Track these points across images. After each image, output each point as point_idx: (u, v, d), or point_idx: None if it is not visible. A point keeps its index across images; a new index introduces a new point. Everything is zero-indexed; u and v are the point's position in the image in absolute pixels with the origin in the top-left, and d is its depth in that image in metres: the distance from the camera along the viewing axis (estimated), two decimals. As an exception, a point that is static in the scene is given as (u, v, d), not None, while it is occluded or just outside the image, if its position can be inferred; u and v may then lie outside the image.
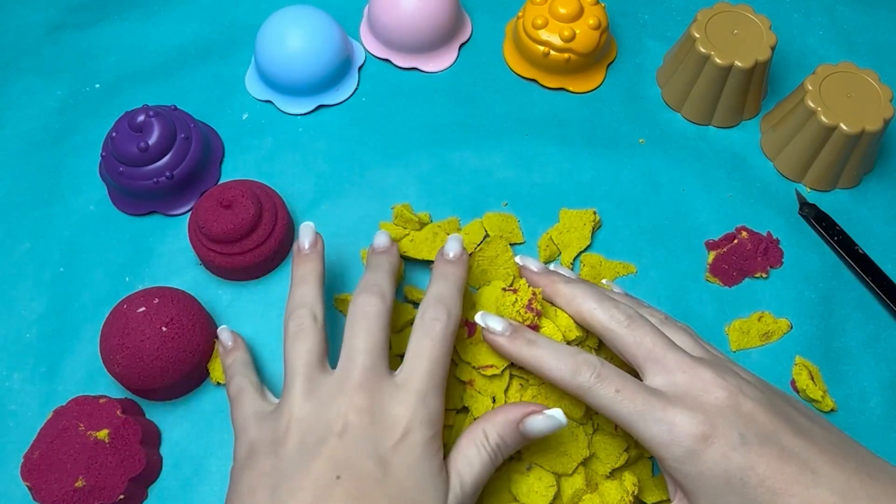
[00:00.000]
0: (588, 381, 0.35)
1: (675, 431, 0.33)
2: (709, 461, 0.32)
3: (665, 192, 0.51)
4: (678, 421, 0.33)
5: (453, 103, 0.54)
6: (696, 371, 0.34)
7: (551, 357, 0.36)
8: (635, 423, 0.34)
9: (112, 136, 0.47)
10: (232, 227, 0.44)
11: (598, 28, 0.52)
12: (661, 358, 0.35)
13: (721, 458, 0.32)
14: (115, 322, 0.41)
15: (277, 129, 0.53)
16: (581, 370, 0.35)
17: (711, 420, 0.33)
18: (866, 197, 0.51)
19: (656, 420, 0.33)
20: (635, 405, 0.34)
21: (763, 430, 0.33)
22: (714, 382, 0.34)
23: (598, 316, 0.37)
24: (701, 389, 0.34)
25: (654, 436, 0.33)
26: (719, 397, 0.33)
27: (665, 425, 0.33)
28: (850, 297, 0.47)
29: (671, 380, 0.34)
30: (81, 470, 0.38)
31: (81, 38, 0.57)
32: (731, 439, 0.32)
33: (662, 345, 0.36)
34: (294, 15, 0.52)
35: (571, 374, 0.35)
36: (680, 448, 0.33)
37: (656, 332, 0.36)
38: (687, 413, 0.33)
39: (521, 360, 0.37)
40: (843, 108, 0.48)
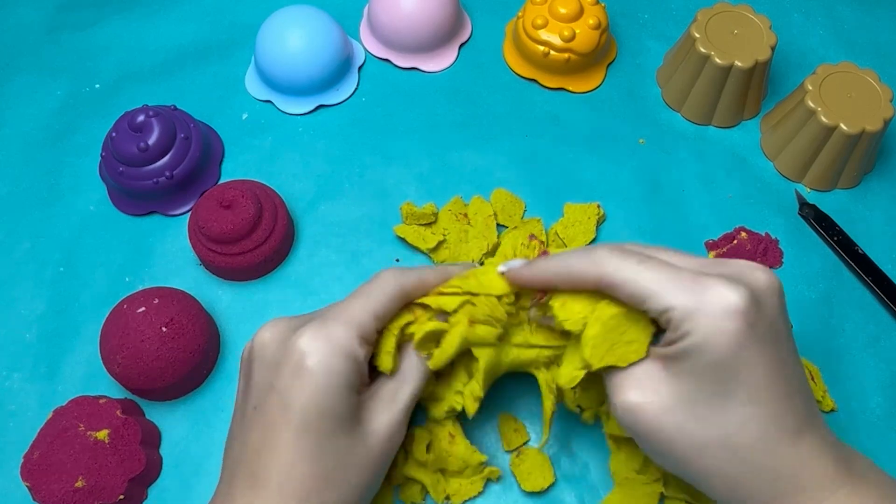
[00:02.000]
0: (605, 259, 0.32)
1: (708, 299, 0.29)
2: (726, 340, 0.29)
3: (665, 192, 0.51)
4: (715, 290, 0.30)
5: (453, 103, 0.54)
6: (733, 262, 0.32)
7: (565, 258, 0.34)
8: (660, 293, 0.30)
9: (112, 136, 0.47)
10: (232, 227, 0.44)
11: (598, 28, 0.52)
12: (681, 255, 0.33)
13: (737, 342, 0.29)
14: (115, 322, 0.41)
15: (277, 129, 0.53)
16: (599, 253, 0.32)
17: (750, 297, 0.30)
18: (866, 197, 0.51)
19: (686, 287, 0.30)
20: (663, 273, 0.31)
21: (780, 333, 0.31)
22: (756, 269, 0.31)
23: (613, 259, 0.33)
24: (741, 272, 0.31)
25: (681, 304, 0.30)
26: (762, 282, 0.31)
27: (697, 293, 0.30)
28: (850, 297, 0.47)
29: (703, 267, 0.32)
30: (81, 470, 0.38)
31: (81, 38, 0.57)
32: (756, 328, 0.30)
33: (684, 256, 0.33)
34: (294, 15, 0.52)
35: (590, 262, 0.32)
36: (708, 318, 0.29)
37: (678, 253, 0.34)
38: (727, 285, 0.30)
39: (544, 274, 0.34)
40: (843, 108, 0.48)
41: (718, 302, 0.29)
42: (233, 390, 0.43)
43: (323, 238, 0.49)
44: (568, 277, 0.34)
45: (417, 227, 0.48)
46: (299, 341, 0.33)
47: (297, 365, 0.33)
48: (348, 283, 0.47)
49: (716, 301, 0.30)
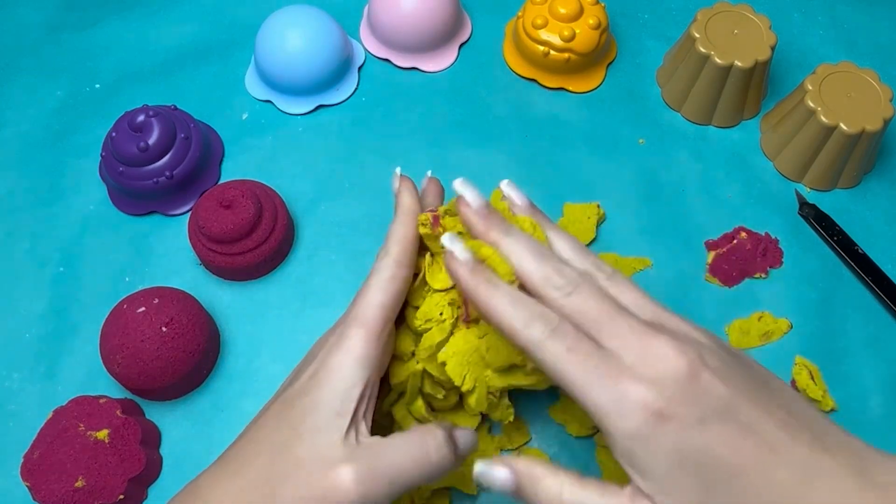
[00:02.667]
0: (539, 334, 0.31)
1: (625, 402, 0.29)
2: (662, 441, 0.29)
3: (665, 192, 0.51)
4: (630, 390, 0.29)
5: (453, 103, 0.54)
6: (652, 338, 0.30)
7: (507, 303, 0.32)
8: (583, 387, 0.30)
9: (112, 136, 0.47)
10: (232, 227, 0.44)
11: (598, 28, 0.52)
12: (608, 324, 0.31)
13: (676, 439, 0.29)
14: (115, 322, 0.41)
15: (277, 129, 0.53)
16: (535, 322, 0.31)
17: (668, 395, 0.29)
18: (866, 197, 0.51)
19: (606, 387, 0.29)
20: (586, 367, 0.30)
21: (721, 404, 0.29)
22: (672, 350, 0.30)
23: (535, 279, 0.32)
24: (657, 358, 0.30)
25: (603, 405, 0.29)
26: (678, 368, 0.29)
27: (616, 393, 0.29)
28: (850, 297, 0.47)
29: (624, 345, 0.30)
30: (81, 470, 0.38)
31: (81, 38, 0.57)
32: (687, 418, 0.29)
33: (609, 310, 0.31)
34: (294, 15, 0.52)
35: (524, 324, 0.31)
36: (631, 423, 0.29)
37: (601, 297, 0.32)
38: (642, 385, 0.29)
39: (476, 297, 0.32)
40: (843, 108, 0.48)
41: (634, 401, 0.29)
42: (233, 390, 0.44)
43: (323, 238, 0.49)
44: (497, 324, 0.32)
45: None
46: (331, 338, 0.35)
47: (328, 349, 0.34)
48: (348, 283, 0.47)
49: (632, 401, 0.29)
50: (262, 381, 0.44)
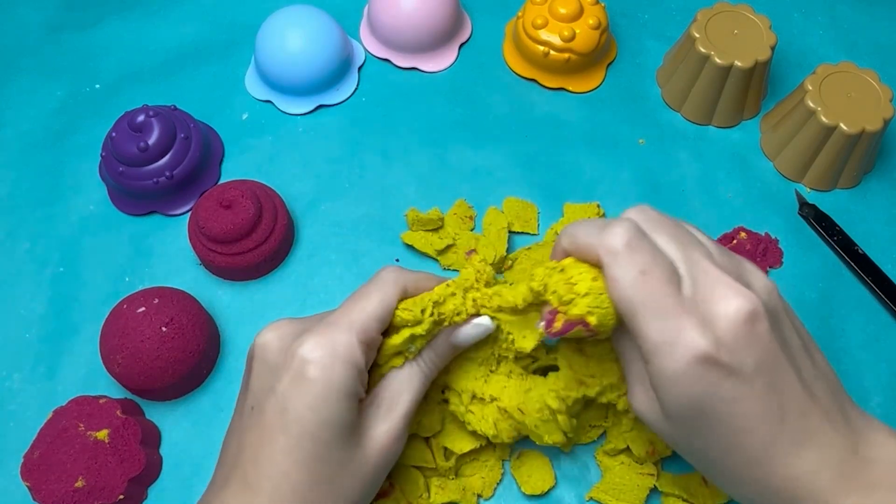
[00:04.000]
0: (619, 242, 0.31)
1: (678, 342, 0.29)
2: (696, 386, 0.30)
3: (665, 192, 0.51)
4: (686, 330, 0.29)
5: (453, 103, 0.54)
6: (719, 276, 0.31)
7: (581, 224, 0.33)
8: (642, 317, 0.30)
9: (112, 136, 0.47)
10: (232, 227, 0.44)
11: (598, 28, 0.52)
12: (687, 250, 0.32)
13: (709, 386, 0.30)
14: (115, 322, 0.41)
15: (277, 129, 0.53)
16: (614, 228, 0.31)
17: (720, 340, 0.29)
18: (866, 197, 0.51)
19: (664, 323, 0.30)
20: (653, 296, 0.30)
21: (764, 359, 0.30)
22: (737, 293, 0.30)
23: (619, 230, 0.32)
24: (722, 299, 0.30)
25: (655, 340, 0.30)
26: (739, 313, 0.30)
27: (672, 332, 0.30)
28: (850, 297, 0.47)
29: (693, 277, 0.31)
30: (81, 470, 0.38)
31: (81, 38, 0.57)
32: (728, 368, 0.29)
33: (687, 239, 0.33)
34: (294, 15, 0.52)
35: (600, 234, 0.32)
36: (676, 363, 0.30)
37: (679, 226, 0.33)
38: (697, 326, 0.29)
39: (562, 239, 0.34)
40: (843, 108, 0.48)
41: (687, 344, 0.29)
42: (233, 390, 0.44)
43: (323, 238, 0.49)
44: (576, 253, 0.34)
45: (424, 233, 0.47)
46: (301, 349, 0.33)
47: (297, 372, 0.32)
48: (348, 283, 0.47)
49: (684, 343, 0.29)
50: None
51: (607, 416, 0.41)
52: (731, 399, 0.30)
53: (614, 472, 0.41)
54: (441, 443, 0.40)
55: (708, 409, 0.30)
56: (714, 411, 0.30)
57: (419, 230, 0.47)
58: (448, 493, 0.40)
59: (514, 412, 0.38)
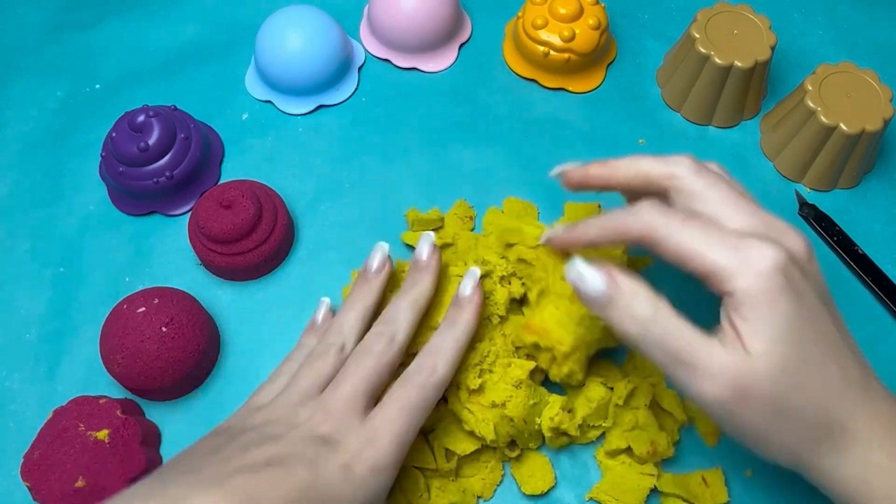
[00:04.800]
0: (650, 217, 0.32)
1: (751, 259, 0.30)
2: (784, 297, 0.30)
3: (665, 192, 0.51)
4: (756, 251, 0.30)
5: (453, 103, 0.54)
6: (775, 221, 0.32)
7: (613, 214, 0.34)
8: (702, 253, 0.30)
9: (112, 136, 0.47)
10: (232, 227, 0.44)
11: (598, 28, 0.52)
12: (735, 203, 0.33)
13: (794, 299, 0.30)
14: (115, 322, 0.41)
15: (277, 129, 0.53)
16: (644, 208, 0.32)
17: (790, 257, 0.30)
18: (866, 197, 0.51)
19: (728, 249, 0.30)
20: (706, 234, 0.31)
21: (826, 293, 0.32)
22: (795, 234, 0.32)
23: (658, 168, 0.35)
24: (781, 235, 0.32)
25: (723, 265, 0.30)
26: (800, 246, 0.32)
27: (740, 254, 0.30)
28: (850, 297, 0.47)
29: (748, 222, 0.32)
30: (81, 470, 0.38)
31: (81, 38, 0.57)
32: (799, 285, 0.30)
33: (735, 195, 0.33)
34: (294, 15, 0.52)
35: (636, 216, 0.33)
36: (754, 278, 0.30)
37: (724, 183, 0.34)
38: (767, 245, 0.30)
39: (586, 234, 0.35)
40: (843, 108, 0.48)
41: (762, 261, 0.30)
42: (233, 390, 0.44)
43: (323, 238, 0.49)
44: (612, 233, 0.34)
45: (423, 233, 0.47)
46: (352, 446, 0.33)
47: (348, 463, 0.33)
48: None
49: (759, 260, 0.30)
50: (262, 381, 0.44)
51: (607, 416, 0.41)
52: (819, 318, 0.31)
53: (615, 472, 0.41)
54: (442, 444, 0.40)
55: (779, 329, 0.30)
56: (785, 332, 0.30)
57: (419, 230, 0.47)
58: (448, 496, 0.40)
59: (518, 422, 0.38)
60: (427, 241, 0.40)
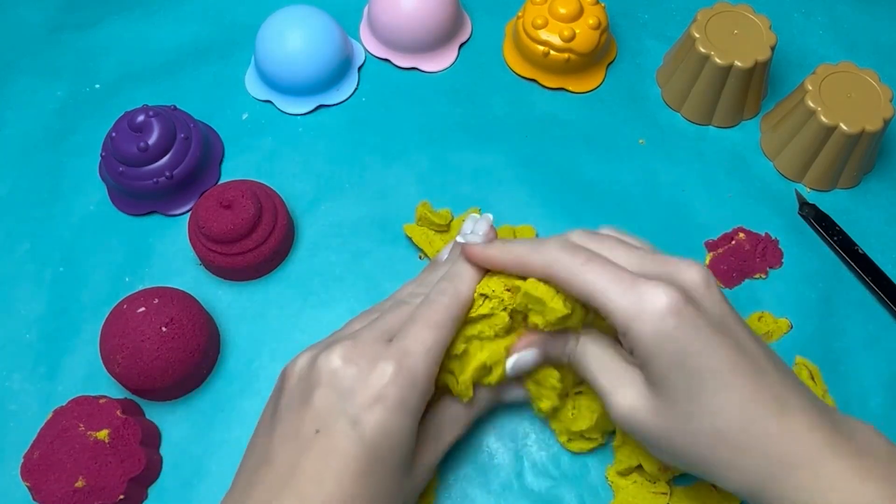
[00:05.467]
0: (554, 254, 0.34)
1: (644, 303, 0.32)
2: (672, 338, 0.32)
3: (665, 192, 0.51)
4: (650, 293, 0.32)
5: (453, 103, 0.54)
6: (668, 259, 0.34)
7: (524, 248, 0.36)
8: (601, 293, 0.33)
9: (112, 136, 0.47)
10: (232, 227, 0.44)
11: (598, 28, 0.52)
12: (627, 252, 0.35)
13: (683, 338, 0.31)
14: (115, 322, 0.41)
15: (277, 129, 0.53)
16: (549, 245, 0.35)
17: (683, 295, 0.32)
18: (866, 197, 0.51)
19: (625, 291, 0.32)
20: (604, 275, 0.33)
21: (726, 319, 0.33)
22: (688, 265, 0.34)
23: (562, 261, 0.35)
24: (675, 270, 0.33)
25: (621, 307, 0.32)
26: (694, 277, 0.33)
27: (635, 296, 0.32)
28: (850, 297, 0.47)
29: (641, 264, 0.34)
30: (81, 470, 0.38)
31: (81, 38, 0.57)
32: (697, 320, 0.32)
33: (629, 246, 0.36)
34: (294, 15, 0.52)
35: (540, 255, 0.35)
36: (647, 321, 0.32)
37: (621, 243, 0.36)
38: (660, 287, 0.32)
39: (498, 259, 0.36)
40: (843, 108, 0.48)
41: (654, 303, 0.32)
42: (233, 390, 0.44)
43: (323, 238, 0.49)
44: (518, 264, 0.36)
45: (427, 230, 0.47)
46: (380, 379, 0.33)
47: (375, 399, 0.32)
48: (348, 284, 0.47)
49: (652, 303, 0.32)
50: (262, 381, 0.44)
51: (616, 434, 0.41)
52: (708, 353, 0.31)
53: (627, 491, 0.40)
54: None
55: (687, 366, 0.31)
56: (693, 368, 0.31)
57: (424, 226, 0.47)
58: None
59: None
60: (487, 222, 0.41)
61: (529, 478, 0.41)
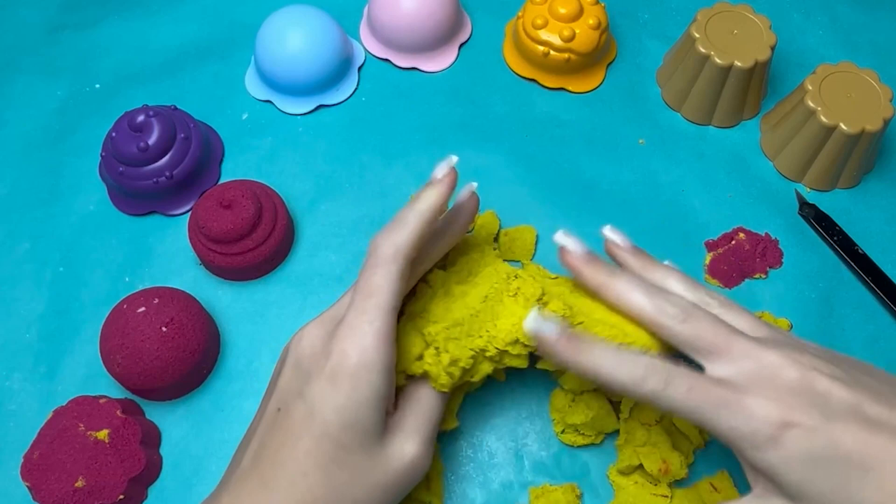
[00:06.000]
0: (657, 386, 0.32)
1: (753, 421, 0.31)
2: (792, 445, 0.31)
3: (665, 192, 0.51)
4: (756, 409, 0.31)
5: (453, 103, 0.54)
6: (763, 355, 0.33)
7: (613, 364, 0.33)
8: (711, 418, 0.32)
9: (112, 136, 0.47)
10: (232, 227, 0.44)
11: (598, 28, 0.52)
12: (723, 347, 0.33)
13: (804, 440, 0.30)
14: (115, 322, 0.41)
15: (277, 129, 0.53)
16: (648, 377, 0.33)
17: (788, 402, 0.31)
18: (866, 197, 0.51)
19: (733, 412, 0.31)
20: (709, 400, 0.32)
21: (843, 403, 0.31)
22: (784, 364, 0.32)
23: (647, 312, 0.35)
24: (772, 373, 0.32)
25: (733, 428, 0.31)
26: (792, 378, 0.32)
27: (743, 416, 0.31)
28: (850, 297, 0.47)
29: (738, 368, 0.33)
30: (81, 470, 0.38)
31: (81, 38, 0.57)
32: (811, 418, 0.31)
33: (724, 333, 0.34)
34: (294, 15, 0.52)
35: (640, 381, 0.33)
36: (761, 437, 0.31)
37: (714, 321, 0.34)
38: (762, 400, 0.31)
39: (578, 365, 0.34)
40: (843, 108, 0.48)
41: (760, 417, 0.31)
42: (233, 390, 0.44)
43: (323, 238, 0.49)
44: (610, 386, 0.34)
45: None
46: (332, 355, 0.33)
47: (327, 376, 0.32)
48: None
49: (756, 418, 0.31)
50: (262, 381, 0.44)
51: (619, 433, 0.41)
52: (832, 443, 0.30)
53: (627, 491, 0.40)
54: None
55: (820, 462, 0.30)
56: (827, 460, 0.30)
57: None
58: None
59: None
60: (447, 162, 0.38)
61: (529, 478, 0.42)
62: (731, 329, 0.34)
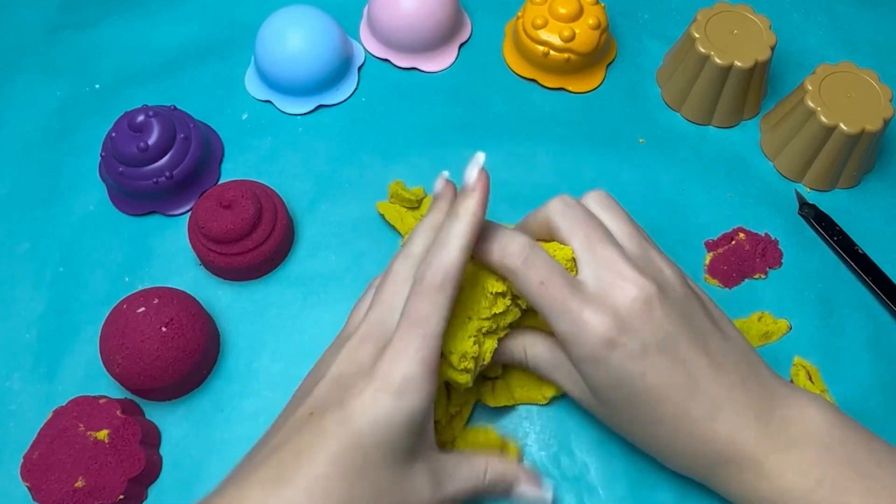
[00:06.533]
0: (514, 263, 0.35)
1: (583, 332, 0.34)
2: (608, 366, 0.34)
3: (665, 192, 0.51)
4: (588, 321, 0.34)
5: (453, 103, 0.54)
6: (620, 269, 0.35)
7: (495, 233, 0.36)
8: (550, 317, 0.35)
9: (112, 136, 0.47)
10: (232, 227, 0.44)
11: (598, 28, 0.52)
12: (593, 247, 0.35)
13: (619, 365, 0.34)
14: (115, 322, 0.41)
15: (277, 129, 0.53)
16: (508, 251, 0.35)
17: (619, 325, 0.33)
18: (866, 197, 0.51)
19: (569, 318, 0.34)
20: (554, 300, 0.34)
21: (664, 337, 0.34)
22: (635, 284, 0.34)
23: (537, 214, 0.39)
24: (619, 290, 0.34)
25: (564, 332, 0.35)
26: (635, 300, 0.34)
27: (576, 325, 0.34)
28: (850, 297, 0.47)
29: (597, 273, 0.35)
30: (81, 470, 0.38)
31: (81, 38, 0.57)
32: (631, 348, 0.33)
33: (597, 234, 0.36)
34: (294, 15, 0.52)
35: (499, 254, 0.35)
36: (585, 349, 0.34)
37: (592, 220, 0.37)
38: (598, 315, 0.34)
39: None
40: (843, 108, 0.48)
41: (591, 333, 0.34)
42: (233, 390, 0.44)
43: (323, 238, 0.49)
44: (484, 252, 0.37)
45: (400, 207, 0.48)
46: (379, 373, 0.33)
47: (373, 391, 0.32)
48: (348, 284, 0.47)
49: (588, 333, 0.34)
50: (262, 381, 0.44)
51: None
52: (640, 374, 0.34)
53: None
54: None
55: (625, 385, 0.34)
56: (630, 386, 0.34)
57: (396, 203, 0.48)
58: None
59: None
60: (475, 162, 0.37)
61: (529, 478, 0.42)
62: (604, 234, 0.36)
